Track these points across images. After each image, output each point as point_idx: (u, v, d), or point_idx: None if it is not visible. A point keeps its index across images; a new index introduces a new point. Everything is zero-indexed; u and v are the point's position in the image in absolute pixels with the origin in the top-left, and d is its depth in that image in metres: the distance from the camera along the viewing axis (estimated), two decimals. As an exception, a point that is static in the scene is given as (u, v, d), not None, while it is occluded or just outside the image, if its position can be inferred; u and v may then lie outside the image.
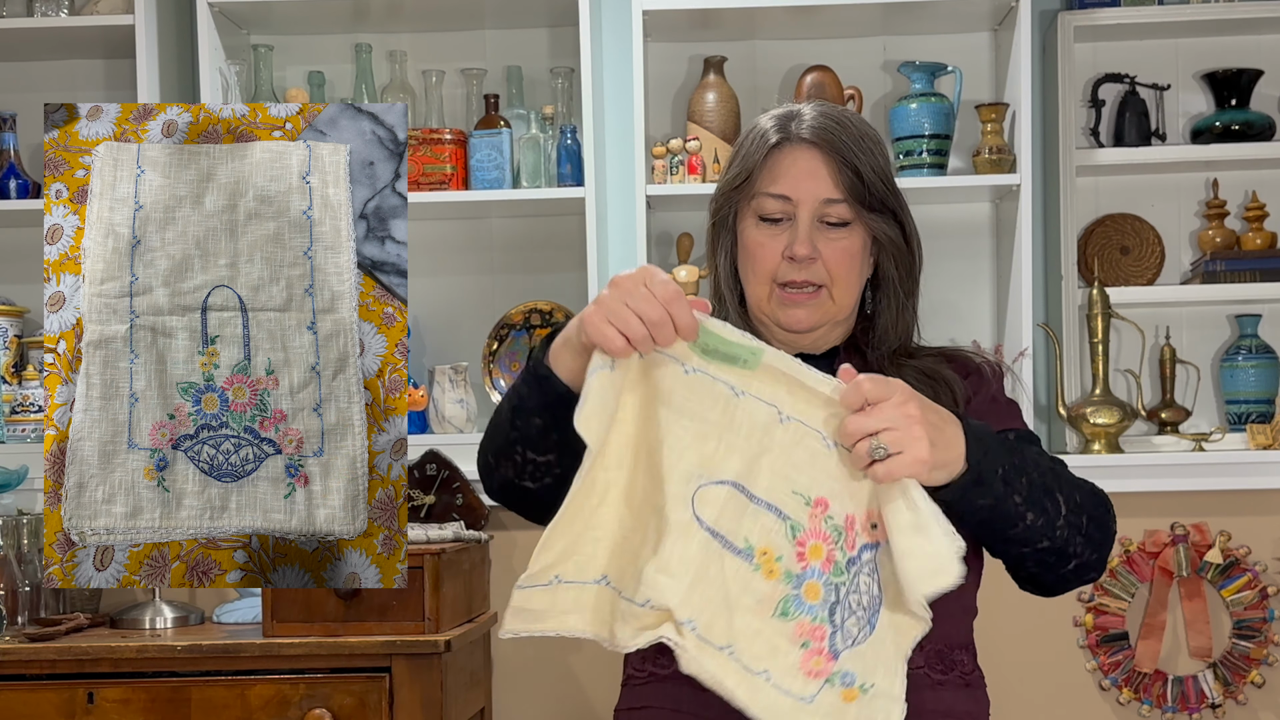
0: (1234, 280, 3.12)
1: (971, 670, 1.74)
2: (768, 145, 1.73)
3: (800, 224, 1.72)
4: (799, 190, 1.72)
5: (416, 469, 3.02)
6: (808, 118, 1.74)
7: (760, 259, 1.73)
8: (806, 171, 1.72)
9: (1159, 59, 3.24)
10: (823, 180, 1.71)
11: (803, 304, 1.73)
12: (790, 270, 1.72)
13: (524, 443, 1.62)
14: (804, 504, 1.46)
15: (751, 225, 1.75)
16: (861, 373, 1.68)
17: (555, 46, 3.26)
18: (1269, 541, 3.15)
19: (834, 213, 1.72)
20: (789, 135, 1.73)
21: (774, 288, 1.73)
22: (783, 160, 1.73)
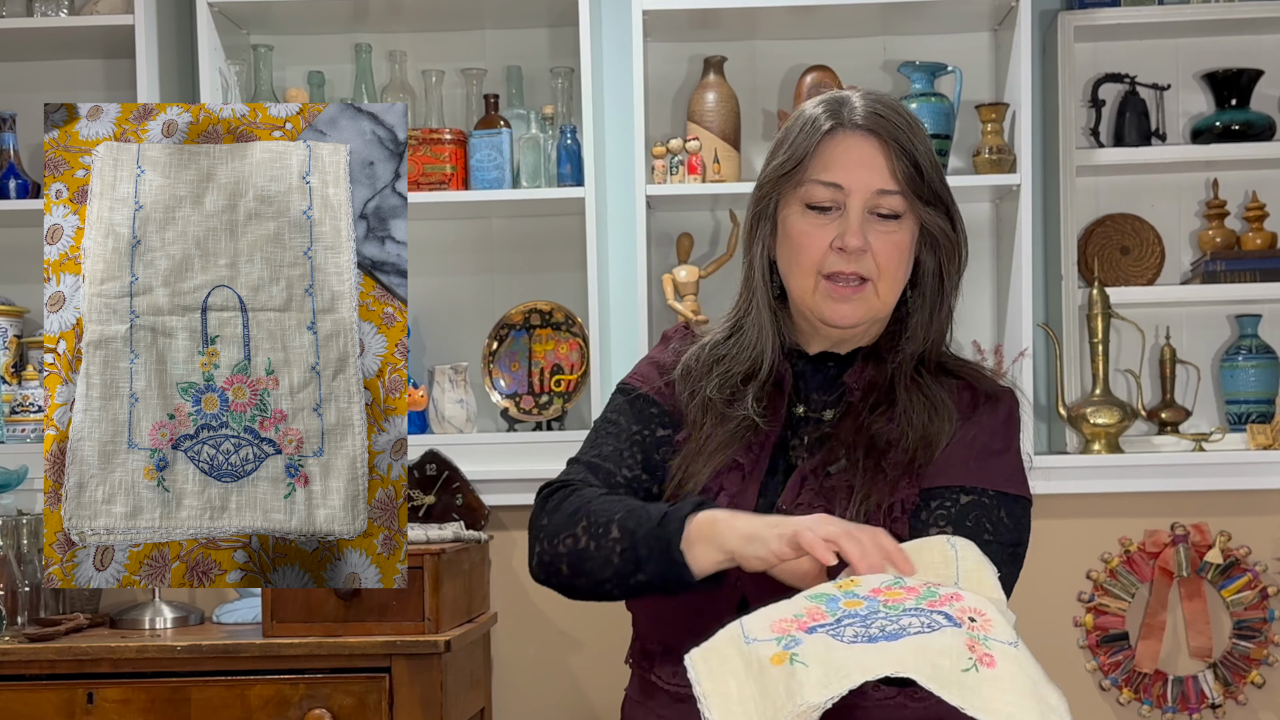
0: (1234, 280, 3.12)
1: None
2: (820, 131, 1.67)
3: (851, 214, 1.66)
4: (852, 179, 1.65)
5: (416, 469, 3.02)
6: (860, 105, 1.68)
7: (807, 249, 1.67)
8: (860, 160, 1.66)
9: (1159, 59, 3.24)
10: (877, 170, 1.66)
11: (849, 298, 1.67)
12: (838, 261, 1.66)
13: (617, 586, 1.60)
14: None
15: (797, 213, 1.69)
16: (869, 382, 1.69)
17: (555, 46, 3.26)
18: (1269, 541, 3.15)
19: (886, 204, 1.66)
20: (842, 121, 1.67)
21: (819, 280, 1.68)
22: (835, 147, 1.66)
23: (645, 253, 3.07)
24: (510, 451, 3.09)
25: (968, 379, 1.74)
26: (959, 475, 1.66)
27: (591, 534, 1.60)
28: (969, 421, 1.69)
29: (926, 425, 1.67)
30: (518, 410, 3.18)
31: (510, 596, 3.16)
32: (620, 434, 1.74)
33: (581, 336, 3.18)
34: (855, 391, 1.73)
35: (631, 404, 1.78)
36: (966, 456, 1.67)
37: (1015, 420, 1.74)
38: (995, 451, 1.69)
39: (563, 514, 1.65)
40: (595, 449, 1.74)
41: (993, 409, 1.72)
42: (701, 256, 3.23)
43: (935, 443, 1.66)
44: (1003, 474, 1.68)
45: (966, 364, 1.78)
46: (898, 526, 1.64)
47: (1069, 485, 3.07)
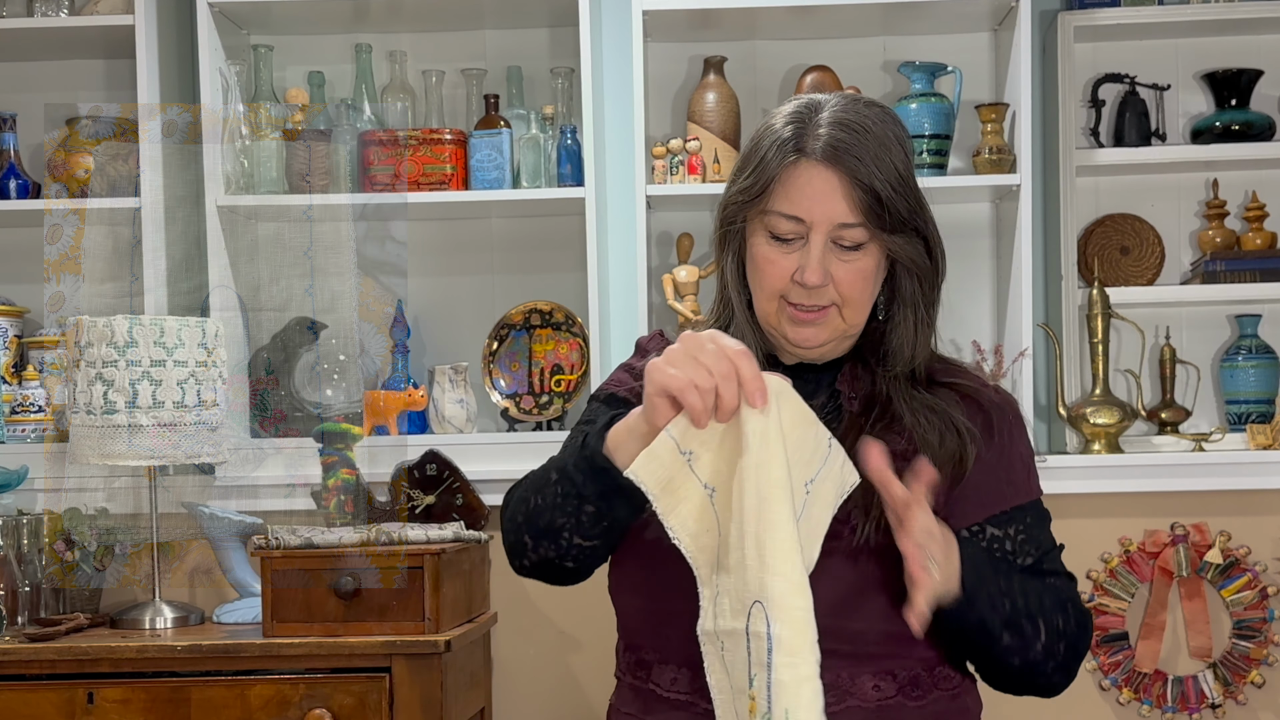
0: (1234, 280, 3.12)
1: (958, 683, 1.72)
2: (783, 161, 1.65)
3: (813, 248, 1.65)
4: (813, 213, 1.64)
5: (416, 469, 3.02)
6: (824, 129, 1.65)
7: (770, 276, 1.68)
8: (821, 193, 1.64)
9: (1159, 59, 3.24)
10: (837, 203, 1.64)
11: (812, 322, 1.68)
12: (799, 293, 1.67)
13: (573, 529, 1.61)
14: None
15: (762, 240, 1.68)
16: (867, 392, 1.68)
17: (555, 46, 3.26)
18: (1269, 541, 3.15)
19: (849, 236, 1.65)
20: (804, 150, 1.64)
21: (782, 304, 1.68)
22: (798, 179, 1.65)
23: (645, 253, 3.07)
24: (510, 451, 3.09)
25: (965, 390, 1.73)
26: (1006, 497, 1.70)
27: (536, 490, 1.65)
28: (991, 443, 1.70)
29: (943, 446, 1.67)
30: (518, 410, 3.18)
31: (510, 596, 3.16)
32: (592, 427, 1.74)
33: (581, 336, 3.18)
34: (853, 400, 1.72)
35: (606, 405, 1.79)
36: (1006, 479, 1.70)
37: (1023, 422, 1.76)
38: (1027, 463, 1.73)
39: (515, 496, 1.71)
40: (566, 448, 1.75)
41: (1002, 416, 1.73)
42: (701, 256, 3.23)
43: (965, 459, 1.67)
44: (1035, 482, 1.75)
45: (956, 368, 1.77)
46: None
47: (1069, 485, 3.07)
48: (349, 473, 2.89)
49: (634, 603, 1.72)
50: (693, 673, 1.63)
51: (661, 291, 3.17)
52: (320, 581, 2.66)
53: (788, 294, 1.68)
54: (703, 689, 1.60)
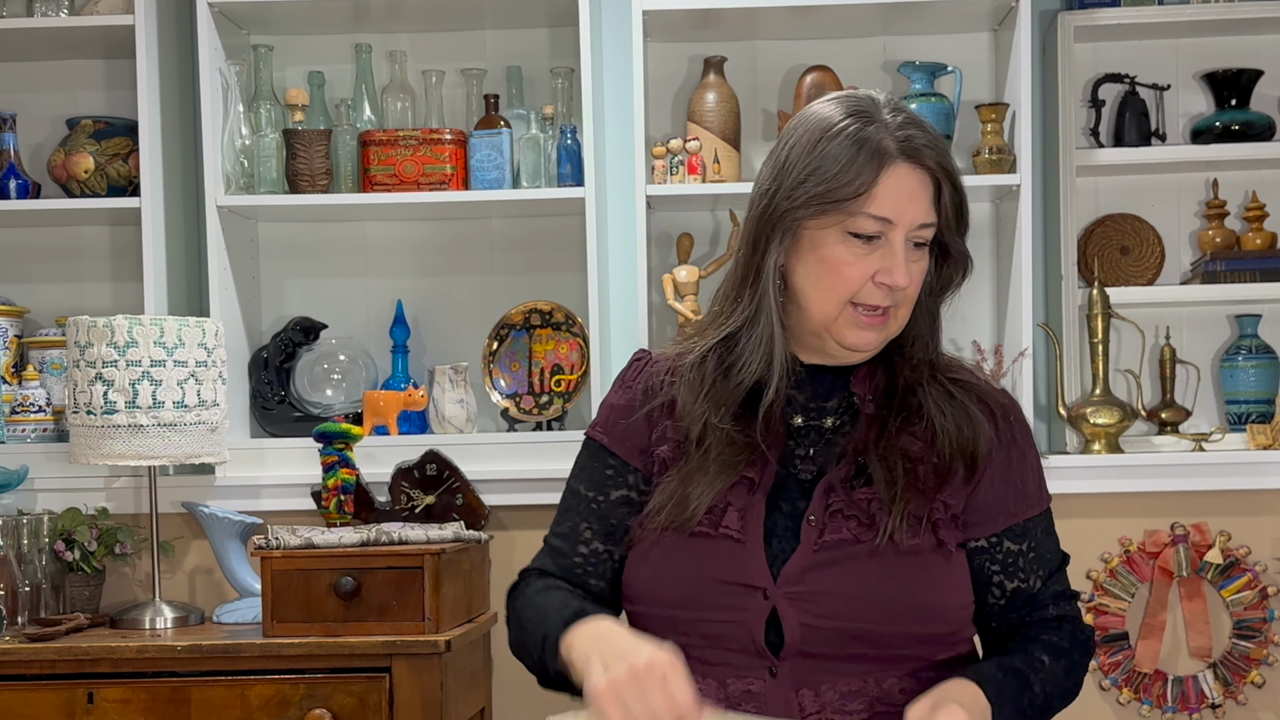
0: (1234, 280, 3.12)
1: None
2: (880, 161, 1.61)
3: (896, 249, 1.63)
4: (902, 214, 1.62)
5: (416, 469, 3.02)
6: (899, 128, 1.63)
7: (847, 279, 1.63)
8: (909, 193, 1.62)
9: (1159, 59, 3.24)
10: (922, 203, 1.63)
11: (873, 326, 1.66)
12: (876, 294, 1.64)
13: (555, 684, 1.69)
14: None
15: (836, 239, 1.63)
16: (883, 390, 1.69)
17: (555, 46, 3.26)
18: (1269, 541, 3.15)
19: (924, 235, 1.65)
20: (893, 152, 1.62)
21: (846, 307, 1.65)
22: (890, 181, 1.62)
23: (645, 253, 3.07)
24: (510, 451, 3.09)
25: (975, 390, 1.73)
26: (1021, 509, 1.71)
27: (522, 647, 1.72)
28: (1003, 447, 1.70)
29: (961, 434, 1.67)
30: (518, 410, 3.18)
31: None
32: (579, 505, 1.77)
33: (582, 336, 3.18)
34: (869, 402, 1.71)
35: (590, 460, 1.79)
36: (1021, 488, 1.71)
37: (1028, 427, 1.77)
38: (1037, 472, 1.74)
39: (512, 613, 1.75)
40: (558, 525, 1.78)
41: (1010, 420, 1.73)
42: (701, 256, 3.23)
43: (977, 453, 1.67)
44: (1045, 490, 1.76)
45: (960, 366, 1.78)
46: (941, 533, 1.65)
47: (1069, 485, 3.06)
48: (349, 473, 2.89)
49: (653, 610, 1.70)
50: (717, 683, 1.63)
51: (661, 291, 3.17)
52: (320, 581, 2.66)
53: (860, 296, 1.64)
54: (730, 698, 1.61)
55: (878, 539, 1.62)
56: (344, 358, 3.25)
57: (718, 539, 1.65)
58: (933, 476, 1.66)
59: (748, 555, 1.64)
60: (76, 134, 3.19)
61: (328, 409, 3.20)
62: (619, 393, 1.81)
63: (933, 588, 1.63)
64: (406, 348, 3.24)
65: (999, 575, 1.71)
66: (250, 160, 3.13)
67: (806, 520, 1.65)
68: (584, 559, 1.75)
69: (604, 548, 1.75)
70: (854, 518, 1.64)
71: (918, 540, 1.62)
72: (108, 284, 3.31)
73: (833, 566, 1.62)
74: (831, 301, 1.65)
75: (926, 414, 1.68)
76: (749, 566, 1.63)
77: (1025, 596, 1.71)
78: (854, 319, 1.65)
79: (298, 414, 3.18)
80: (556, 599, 1.68)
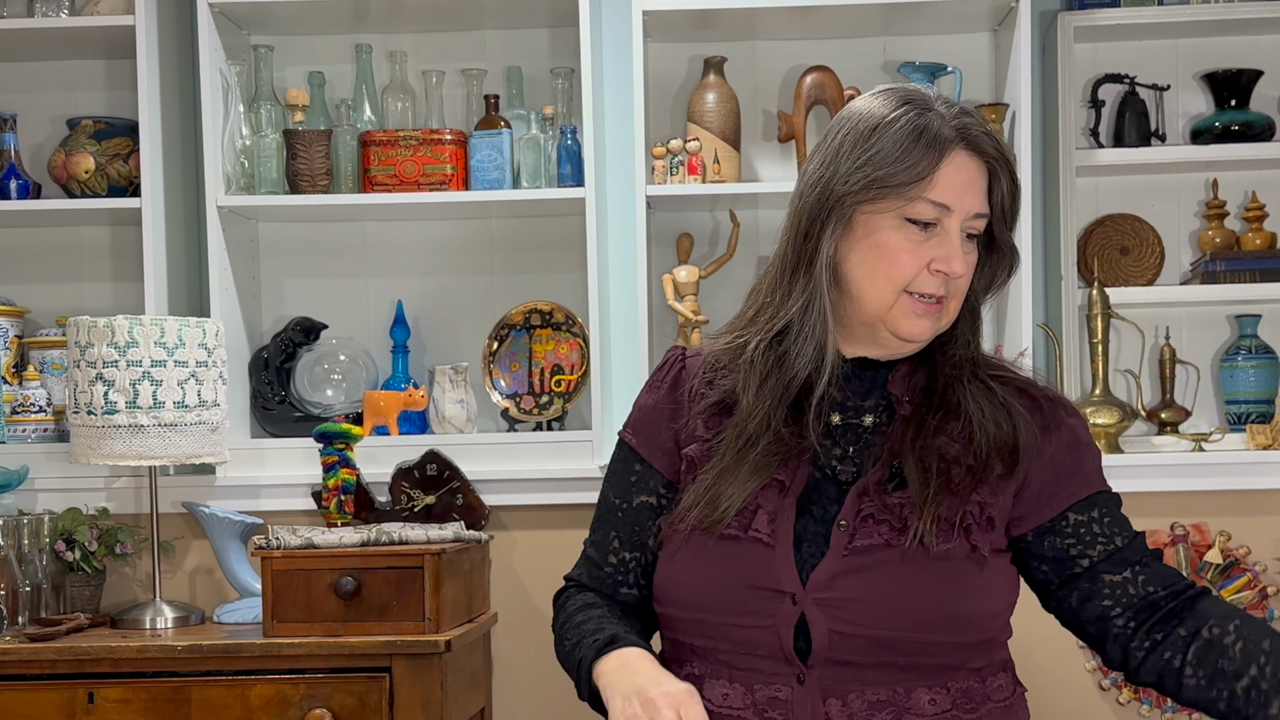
0: (1234, 280, 3.12)
1: (1011, 693, 1.69)
2: (943, 148, 1.61)
3: (952, 237, 1.62)
4: (960, 202, 1.62)
5: (416, 469, 3.02)
6: (956, 117, 1.63)
7: (902, 265, 1.61)
8: (968, 181, 1.62)
9: (1159, 59, 3.24)
10: (979, 192, 1.63)
11: (928, 315, 1.64)
12: (931, 283, 1.62)
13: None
14: None
15: (892, 225, 1.62)
16: (922, 388, 1.68)
17: (555, 46, 3.26)
18: (1269, 541, 3.16)
19: (977, 226, 1.65)
20: (954, 139, 1.62)
21: (901, 295, 1.63)
22: (950, 166, 1.61)
23: (645, 253, 3.07)
24: (510, 452, 3.09)
25: (1018, 384, 1.72)
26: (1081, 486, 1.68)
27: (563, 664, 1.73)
28: (1051, 436, 1.68)
29: (1000, 430, 1.65)
30: (518, 410, 3.18)
31: (510, 596, 3.16)
32: (609, 513, 1.78)
33: (582, 336, 3.18)
34: (905, 403, 1.69)
35: (621, 464, 1.79)
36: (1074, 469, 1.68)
37: (1081, 416, 1.74)
38: (1095, 456, 1.71)
39: (557, 635, 1.77)
40: (594, 532, 1.80)
41: (1057, 409, 1.71)
42: (701, 257, 3.23)
43: (1017, 445, 1.65)
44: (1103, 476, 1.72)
45: (1003, 365, 1.75)
46: (973, 537, 1.62)
47: (1069, 485, 3.06)
48: (349, 473, 2.89)
49: (681, 614, 1.68)
50: (744, 689, 1.63)
51: (661, 291, 3.17)
52: (320, 581, 2.66)
53: (915, 284, 1.63)
54: (756, 704, 1.61)
55: (907, 543, 1.59)
56: (344, 358, 3.25)
57: (746, 542, 1.63)
58: (967, 478, 1.63)
59: (777, 560, 1.61)
60: (77, 134, 3.19)
61: (328, 409, 3.20)
62: (648, 392, 1.79)
63: (964, 594, 1.60)
64: (407, 348, 3.24)
65: (1076, 547, 1.67)
66: (250, 160, 3.13)
67: (837, 525, 1.62)
68: (613, 569, 1.76)
69: (630, 555, 1.75)
70: (885, 522, 1.61)
71: (949, 545, 1.59)
72: (108, 284, 3.31)
73: (862, 572, 1.59)
74: (886, 290, 1.63)
75: (965, 412, 1.66)
76: (778, 571, 1.61)
77: (1116, 557, 1.67)
78: (910, 307, 1.63)
79: (298, 414, 3.19)
80: (592, 624, 1.69)
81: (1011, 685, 1.71)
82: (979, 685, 1.64)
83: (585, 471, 3.03)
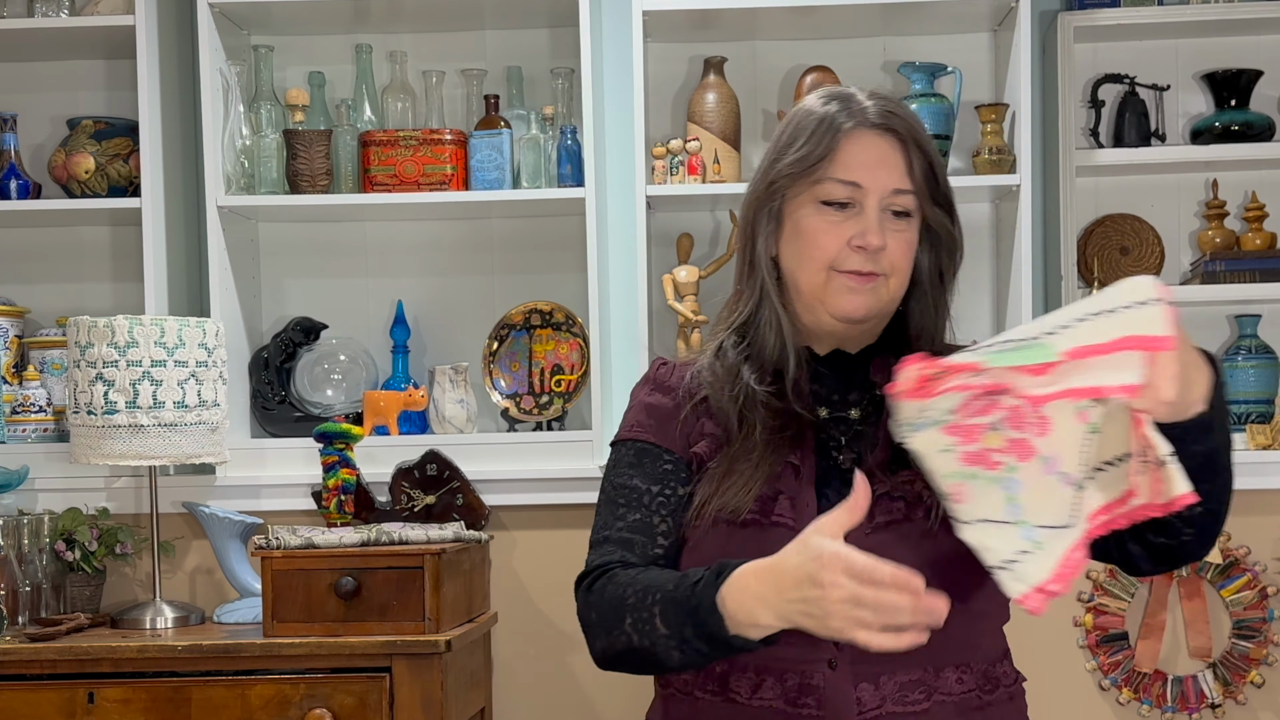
0: (1234, 280, 3.12)
1: (1014, 680, 1.73)
2: (839, 129, 1.68)
3: (869, 213, 1.67)
4: (871, 178, 1.67)
5: (416, 469, 3.02)
6: (871, 103, 1.70)
7: (822, 245, 1.68)
8: (879, 159, 1.68)
9: (1159, 59, 3.24)
10: (894, 169, 1.68)
11: (860, 289, 1.69)
12: (855, 259, 1.68)
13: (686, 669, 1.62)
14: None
15: (811, 211, 1.70)
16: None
17: (555, 46, 3.26)
18: (1269, 541, 3.16)
19: (900, 203, 1.69)
20: (860, 120, 1.69)
21: (831, 274, 1.69)
22: (854, 146, 1.68)
23: (645, 253, 3.07)
24: (510, 452, 3.10)
25: None
26: None
27: (640, 631, 1.59)
28: None
29: None
30: (518, 410, 3.18)
31: (510, 596, 3.16)
32: (643, 499, 1.72)
33: (582, 336, 3.18)
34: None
35: (639, 460, 1.75)
36: None
37: None
38: None
39: (607, 606, 1.64)
40: (620, 520, 1.72)
41: None
42: (701, 256, 3.23)
43: None
44: None
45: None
46: None
47: (1069, 485, 3.06)
48: (349, 473, 2.89)
49: None
50: (775, 679, 1.62)
51: (661, 291, 3.17)
52: (320, 581, 2.66)
53: (840, 262, 1.68)
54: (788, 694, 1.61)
55: (930, 521, 1.62)
56: (344, 358, 3.25)
57: (771, 527, 1.64)
58: None
59: None
60: (77, 134, 3.19)
61: (328, 409, 3.20)
62: (657, 395, 1.79)
63: (979, 564, 1.59)
64: (407, 348, 3.24)
65: None
66: (250, 160, 3.13)
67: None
68: (665, 550, 1.70)
69: (677, 539, 1.72)
70: (900, 498, 1.64)
71: None
72: (108, 284, 3.31)
73: (888, 549, 1.57)
74: (814, 270, 1.70)
75: None
76: None
77: None
78: (840, 284, 1.69)
79: (298, 414, 3.19)
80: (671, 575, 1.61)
81: (1014, 673, 1.75)
82: (993, 668, 1.68)
83: (585, 471, 3.03)
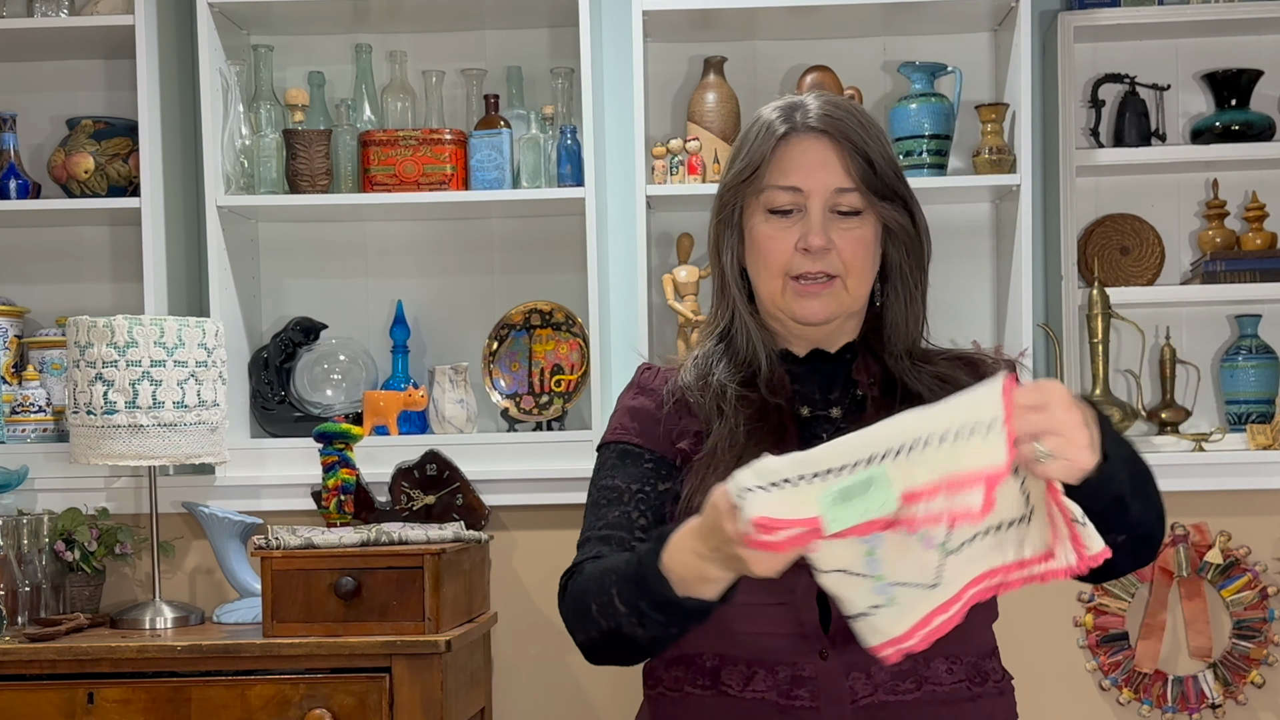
0: (1234, 280, 3.12)
1: (1002, 676, 1.74)
2: (775, 136, 1.71)
3: (813, 215, 1.69)
4: (810, 181, 1.70)
5: (416, 469, 3.02)
6: (813, 107, 1.72)
7: (772, 252, 1.71)
8: (817, 161, 1.70)
9: (1159, 59, 3.24)
10: (834, 169, 1.70)
11: (817, 294, 1.71)
12: (804, 262, 1.70)
13: (671, 644, 1.60)
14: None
15: (760, 220, 1.72)
16: (882, 377, 1.70)
17: (555, 46, 3.26)
18: (1269, 541, 3.16)
19: (846, 201, 1.70)
20: (795, 125, 1.71)
21: (786, 281, 1.71)
22: (791, 151, 1.71)
23: (645, 253, 3.07)
24: (510, 451, 3.09)
25: (967, 357, 1.78)
26: None
27: (605, 614, 1.59)
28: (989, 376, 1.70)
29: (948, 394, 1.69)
30: (518, 410, 3.18)
31: (510, 596, 3.16)
32: (623, 496, 1.74)
33: (582, 337, 3.18)
34: (872, 386, 1.75)
35: (622, 461, 1.77)
36: None
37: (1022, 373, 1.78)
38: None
39: (575, 599, 1.66)
40: (601, 519, 1.74)
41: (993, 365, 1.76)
42: (701, 256, 3.23)
43: None
44: None
45: (959, 350, 1.81)
46: None
47: (1069, 485, 3.06)
48: (349, 473, 2.89)
49: None
50: (766, 671, 1.63)
51: (661, 291, 3.17)
52: (320, 581, 2.66)
53: (792, 268, 1.71)
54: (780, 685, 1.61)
55: None
56: (344, 358, 3.25)
57: None
58: None
59: None
60: (76, 134, 3.19)
61: (328, 409, 3.20)
62: (640, 398, 1.81)
63: None
64: (406, 348, 3.24)
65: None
66: (250, 160, 3.13)
67: None
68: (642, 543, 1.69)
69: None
70: None
71: None
72: (108, 284, 3.31)
73: None
74: (770, 279, 1.72)
75: (924, 397, 1.69)
76: None
77: None
78: (796, 290, 1.71)
79: (298, 414, 3.19)
80: (625, 555, 1.61)
81: (1003, 671, 1.75)
82: (982, 662, 1.69)
83: (585, 472, 2.98)
